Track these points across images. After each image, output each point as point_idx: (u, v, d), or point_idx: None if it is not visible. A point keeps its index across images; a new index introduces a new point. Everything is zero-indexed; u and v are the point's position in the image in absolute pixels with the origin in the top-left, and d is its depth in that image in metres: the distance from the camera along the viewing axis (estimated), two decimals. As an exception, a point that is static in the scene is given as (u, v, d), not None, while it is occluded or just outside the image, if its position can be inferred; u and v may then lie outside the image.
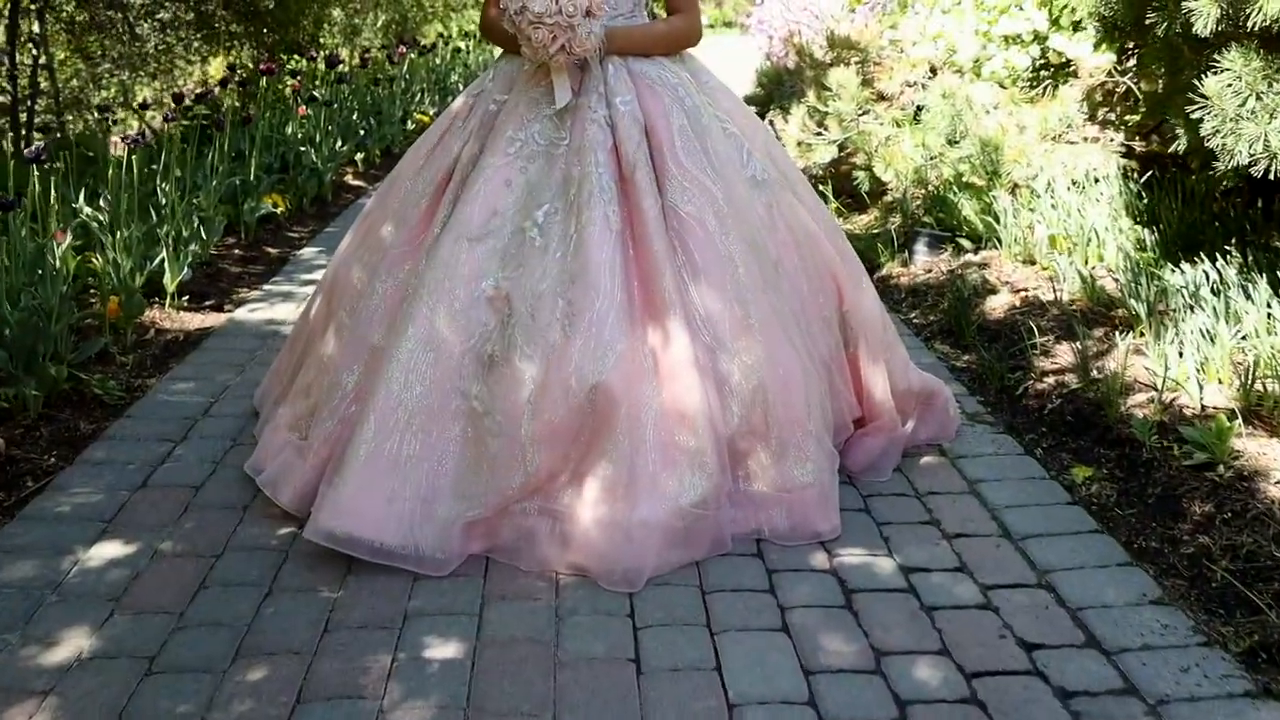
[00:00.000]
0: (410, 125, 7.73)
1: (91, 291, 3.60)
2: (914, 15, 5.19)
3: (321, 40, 9.91)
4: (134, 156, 3.75)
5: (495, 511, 2.11)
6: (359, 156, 6.60)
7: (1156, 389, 2.74)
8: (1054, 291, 3.55)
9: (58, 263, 3.37)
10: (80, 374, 2.96)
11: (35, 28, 7.70)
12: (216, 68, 8.83)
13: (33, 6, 7.28)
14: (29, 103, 7.71)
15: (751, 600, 2.02)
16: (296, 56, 7.79)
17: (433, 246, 2.24)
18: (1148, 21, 2.72)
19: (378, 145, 6.95)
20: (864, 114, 4.92)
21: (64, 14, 7.94)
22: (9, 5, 7.26)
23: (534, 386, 2.09)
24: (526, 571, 2.10)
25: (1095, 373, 2.91)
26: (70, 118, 8.55)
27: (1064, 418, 2.81)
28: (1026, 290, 3.68)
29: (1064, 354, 3.13)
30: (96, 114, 7.23)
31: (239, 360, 3.28)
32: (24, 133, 7.54)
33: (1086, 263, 3.78)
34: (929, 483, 2.52)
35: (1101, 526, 2.30)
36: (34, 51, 7.76)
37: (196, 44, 8.78)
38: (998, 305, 3.60)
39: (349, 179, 6.38)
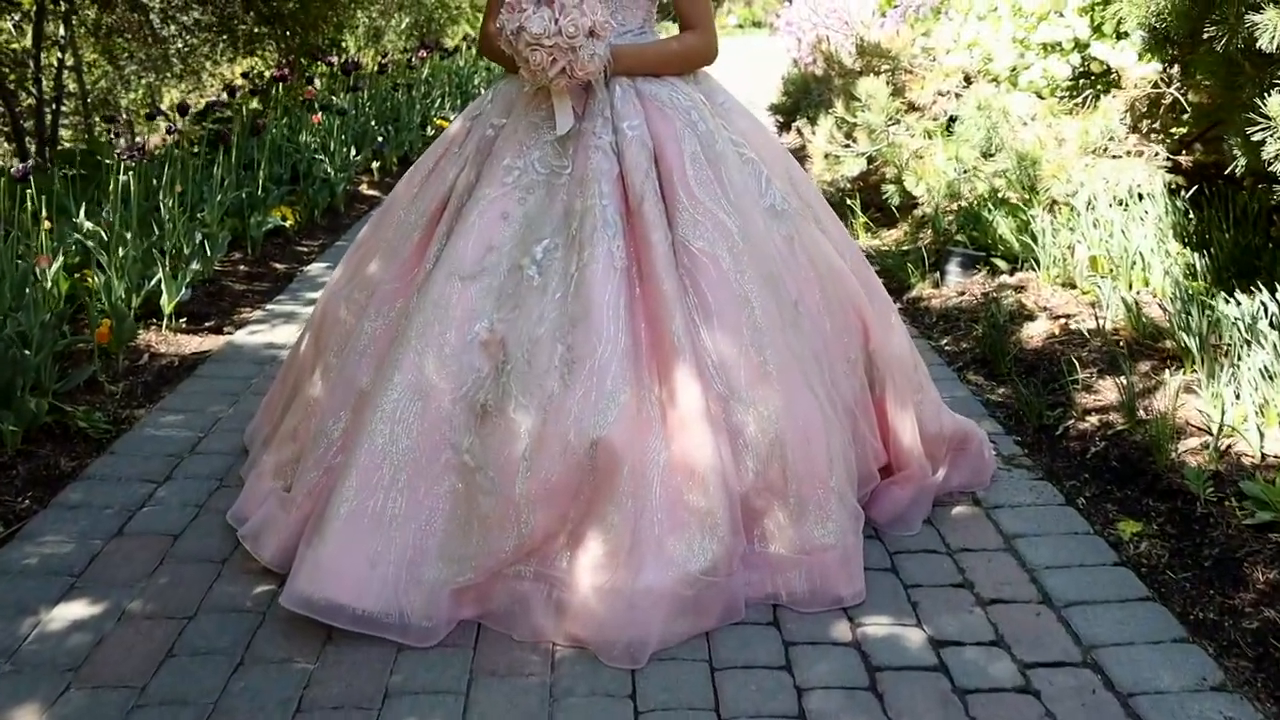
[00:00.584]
0: (430, 131, 7.58)
1: (87, 313, 3.47)
2: (948, 22, 4.97)
3: (344, 44, 9.81)
4: (131, 172, 3.61)
5: (486, 576, 1.93)
6: (375, 165, 6.46)
7: (1211, 434, 2.53)
8: (1096, 319, 3.33)
9: (49, 285, 3.24)
10: (64, 405, 2.81)
11: (61, 30, 7.65)
12: (242, 70, 8.74)
13: (62, 6, 7.21)
14: (54, 105, 7.65)
15: (765, 679, 1.84)
16: (317, 63, 7.68)
17: (423, 284, 2.07)
18: (1205, 35, 2.50)
19: (394, 152, 6.80)
20: (894, 124, 4.71)
21: (87, 16, 7.88)
22: (34, 7, 7.21)
23: (530, 440, 1.91)
24: (520, 642, 1.92)
25: (1142, 413, 2.70)
26: (97, 119, 8.51)
27: (1108, 463, 2.60)
28: (1066, 317, 3.46)
29: (1108, 390, 2.92)
30: (101, 122, 7.13)
31: (233, 389, 3.13)
32: (48, 134, 7.49)
33: (1130, 287, 3.56)
34: (962, 538, 2.32)
35: (1153, 593, 2.09)
36: (59, 55, 7.70)
37: (222, 46, 8.70)
38: (1035, 333, 3.39)
39: (363, 188, 6.23)
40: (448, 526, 1.95)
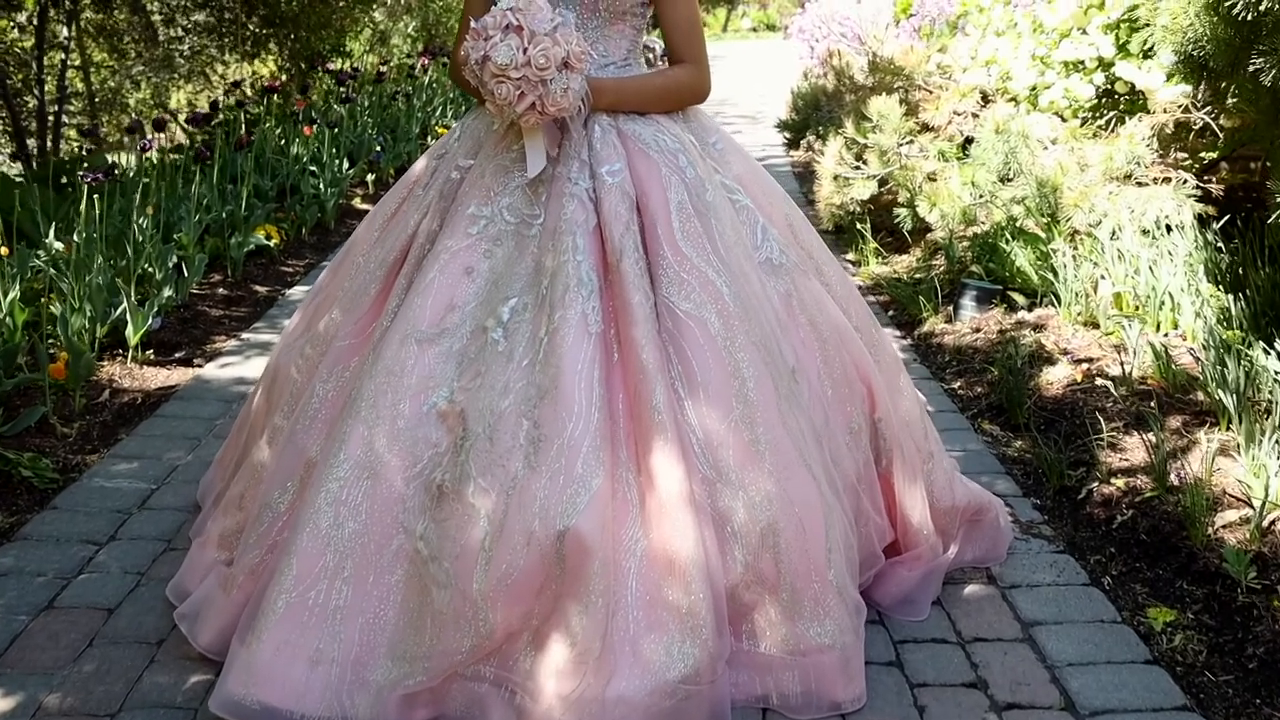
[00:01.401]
0: (430, 140, 7.38)
1: (50, 342, 3.27)
2: (964, 38, 4.74)
3: (349, 49, 9.62)
4: (96, 196, 3.41)
5: (440, 678, 1.72)
6: (370, 177, 6.25)
7: (1252, 506, 2.30)
8: (1121, 365, 3.10)
9: (2, 315, 3.05)
10: (9, 452, 2.61)
11: (64, 31, 7.51)
12: (246, 73, 8.57)
13: (66, 4, 7.05)
14: (57, 106, 7.50)
15: (751, 807, 1.63)
16: (317, 70, 7.49)
17: (378, 346, 1.86)
18: (1251, 67, 2.27)
19: (391, 164, 6.59)
20: (908, 144, 4.48)
21: (87, 18, 7.72)
22: (37, 9, 7.06)
23: (490, 528, 1.70)
24: (477, 753, 1.71)
25: (1174, 478, 2.47)
26: (104, 119, 8.36)
27: (1137, 535, 2.38)
28: (1089, 361, 3.23)
29: (1135, 448, 2.69)
30: (79, 135, 6.94)
31: (195, 432, 2.93)
32: (49, 136, 7.33)
33: (1159, 329, 3.33)
34: (975, 625, 2.10)
35: (1190, 700, 1.87)
36: (64, 56, 7.55)
37: (227, 49, 8.53)
38: (1056, 379, 3.16)
39: (356, 202, 6.03)
40: (398, 621, 1.74)
